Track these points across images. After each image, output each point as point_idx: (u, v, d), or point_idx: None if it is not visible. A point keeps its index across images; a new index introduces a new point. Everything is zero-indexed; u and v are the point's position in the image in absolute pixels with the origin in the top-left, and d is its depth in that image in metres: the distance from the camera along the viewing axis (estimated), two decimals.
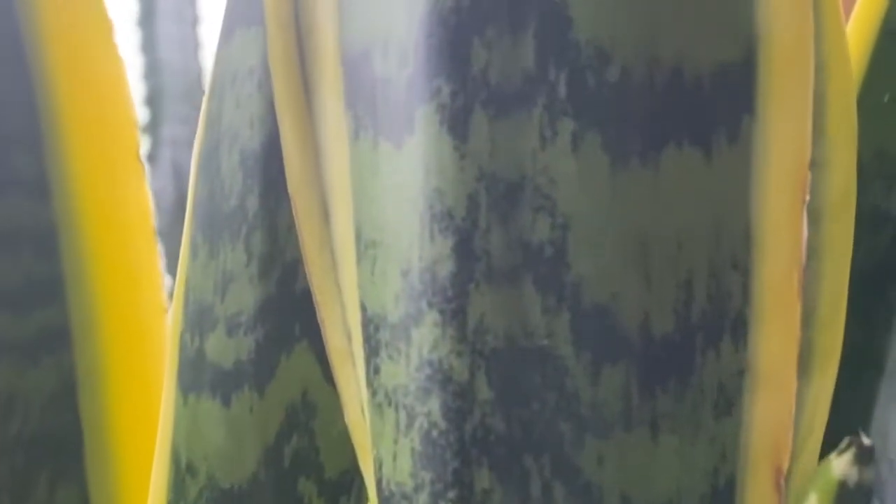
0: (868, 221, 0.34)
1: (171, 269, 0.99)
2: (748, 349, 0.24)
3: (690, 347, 0.23)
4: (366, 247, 0.25)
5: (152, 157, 0.93)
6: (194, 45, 0.91)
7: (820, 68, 0.27)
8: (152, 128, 0.93)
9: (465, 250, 0.23)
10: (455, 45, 0.24)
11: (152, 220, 0.37)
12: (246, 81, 0.28)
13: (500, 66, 0.24)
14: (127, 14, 0.94)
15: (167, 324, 0.34)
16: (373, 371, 0.24)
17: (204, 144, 0.29)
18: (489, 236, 0.23)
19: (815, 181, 0.26)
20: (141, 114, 0.99)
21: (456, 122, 0.23)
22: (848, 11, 0.36)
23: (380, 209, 0.25)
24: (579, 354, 0.23)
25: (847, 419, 0.28)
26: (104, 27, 0.40)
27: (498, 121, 0.23)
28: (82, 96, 0.39)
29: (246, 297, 0.28)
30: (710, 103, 0.24)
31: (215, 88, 0.29)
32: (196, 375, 0.30)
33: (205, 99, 0.29)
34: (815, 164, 0.26)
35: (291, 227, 0.27)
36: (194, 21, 0.91)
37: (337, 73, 0.26)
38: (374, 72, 0.25)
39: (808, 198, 0.24)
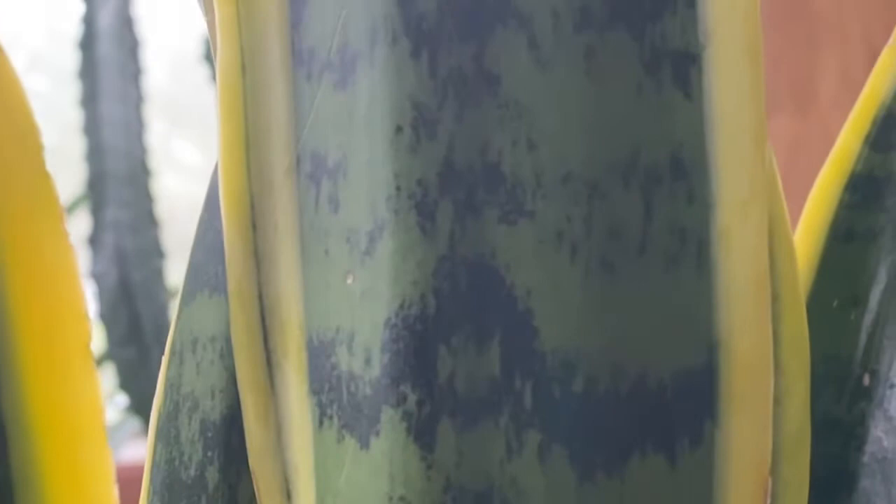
0: (820, 428, 0.35)
1: (113, 353, 0.98)
2: None
3: None
4: None
5: (94, 240, 0.93)
6: (138, 127, 0.91)
7: (774, 299, 0.27)
8: (95, 211, 0.93)
9: None
10: (421, 352, 0.24)
11: (104, 420, 0.37)
12: (207, 348, 0.28)
13: (466, 373, 0.24)
14: (70, 95, 0.94)
15: None
16: None
17: (163, 408, 0.29)
18: None
19: (773, 417, 0.26)
20: (83, 195, 0.98)
21: (422, 432, 0.24)
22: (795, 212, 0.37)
23: None
24: None
25: None
26: (54, 215, 0.39)
27: (465, 431, 0.24)
28: (31, 287, 0.39)
29: None
30: (673, 410, 0.24)
31: (175, 351, 0.29)
32: None
33: (164, 359, 0.29)
34: (774, 401, 0.26)
35: (253, 502, 0.27)
36: (138, 102, 0.91)
37: (301, 356, 0.26)
38: (339, 364, 0.25)
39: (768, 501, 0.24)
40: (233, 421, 0.28)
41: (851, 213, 0.36)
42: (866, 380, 0.34)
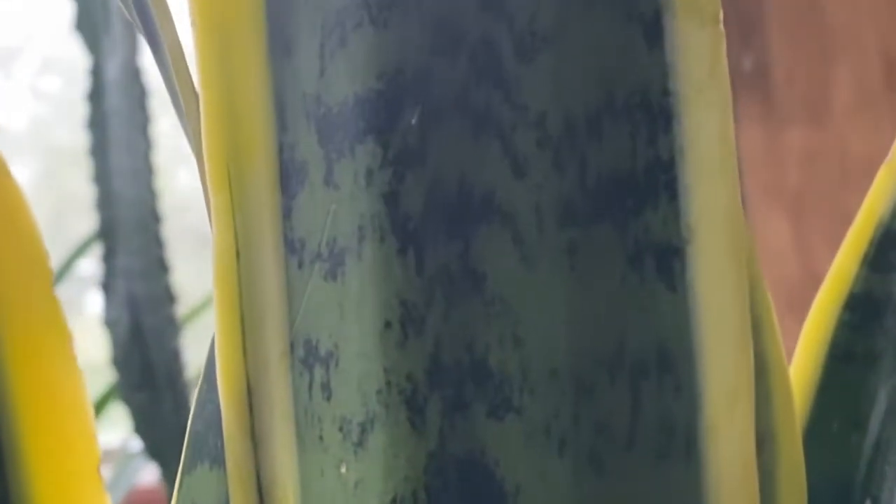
0: None
1: (127, 398, 0.99)
2: None
3: None
4: None
5: (107, 287, 0.94)
6: (147, 175, 0.91)
7: (770, 437, 0.27)
8: (107, 258, 0.93)
9: None
10: None
11: None
12: None
13: None
14: (79, 144, 0.94)
15: None
16: None
17: None
18: None
19: None
20: (95, 244, 0.99)
21: None
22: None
23: None
24: None
25: None
26: (63, 339, 0.40)
27: None
28: (40, 411, 0.39)
29: None
30: None
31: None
32: None
33: None
34: None
35: None
36: (146, 151, 0.91)
37: None
38: None
39: None
40: None
41: (850, 333, 0.36)
42: None
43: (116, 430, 1.22)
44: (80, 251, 1.07)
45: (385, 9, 0.25)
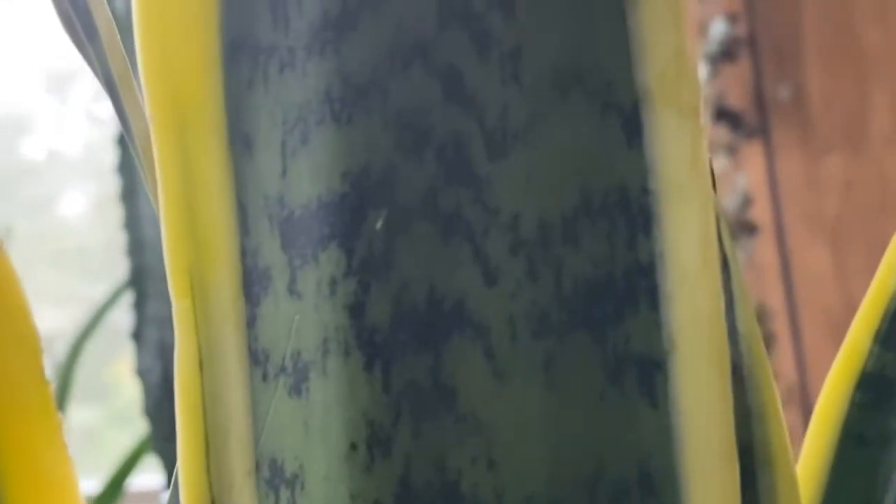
0: None
1: (160, 449, 0.98)
2: None
3: None
4: None
5: (138, 336, 0.93)
6: None
7: None
8: (138, 306, 0.92)
9: None
10: None
11: None
12: None
13: None
14: (110, 191, 0.94)
15: None
16: None
17: None
18: None
19: None
20: (126, 291, 0.98)
21: None
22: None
23: None
24: None
25: None
26: (51, 423, 0.39)
27: None
28: (28, 496, 0.38)
29: None
30: None
31: None
32: None
33: None
34: None
35: None
36: None
37: None
38: None
39: None
40: None
41: (863, 414, 0.34)
42: None
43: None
44: (112, 299, 1.06)
45: (348, 104, 0.24)
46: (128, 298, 0.95)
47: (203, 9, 0.24)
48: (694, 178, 0.23)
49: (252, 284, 0.25)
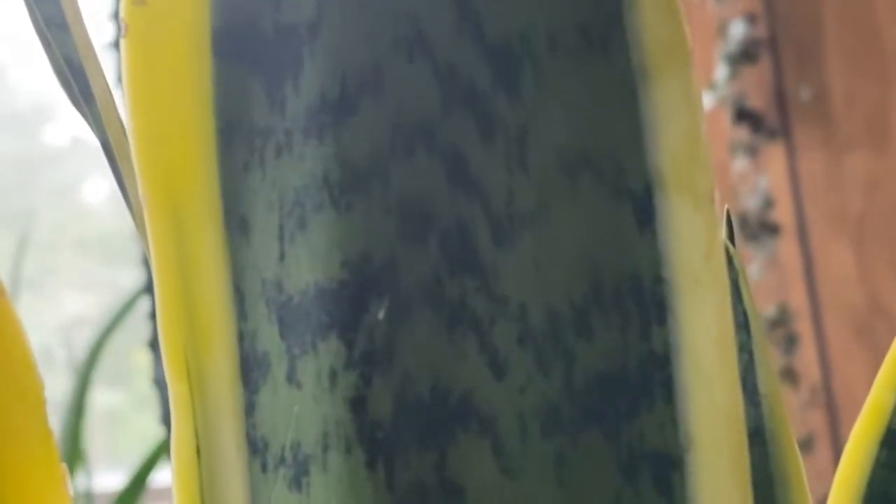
0: None
1: None
2: None
3: None
4: None
5: (155, 345, 0.92)
6: None
7: None
8: (155, 315, 0.92)
9: None
10: None
11: None
12: None
13: None
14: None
15: None
16: None
17: None
18: None
19: None
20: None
21: None
22: None
23: None
24: None
25: None
26: (55, 473, 0.38)
27: None
28: None
29: None
30: None
31: None
32: None
33: None
34: None
35: None
36: None
37: None
38: None
39: None
40: None
41: (888, 473, 0.33)
42: None
43: None
44: (127, 307, 1.06)
45: (347, 190, 0.23)
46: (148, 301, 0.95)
47: (196, 89, 0.23)
48: (709, 267, 0.22)
49: (250, 370, 0.24)
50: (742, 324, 0.33)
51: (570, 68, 0.22)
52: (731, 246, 0.33)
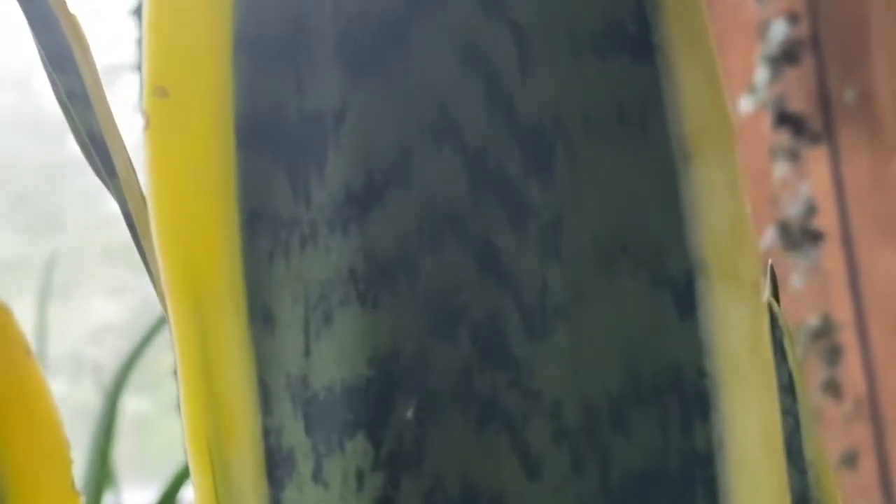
0: None
1: None
2: None
3: None
4: None
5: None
6: None
7: None
8: None
9: None
10: None
11: None
12: None
13: None
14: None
15: None
16: None
17: None
18: None
19: None
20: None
21: None
22: None
23: None
24: None
25: None
26: None
27: None
28: None
29: None
30: None
31: None
32: None
33: None
34: None
35: None
36: None
37: None
38: None
39: None
40: None
41: None
42: None
43: None
44: (156, 328, 1.05)
45: (373, 284, 0.22)
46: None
47: (220, 177, 0.22)
48: (755, 359, 0.21)
49: (276, 466, 0.23)
50: (787, 386, 0.32)
51: (606, 150, 0.21)
52: (774, 303, 0.32)
